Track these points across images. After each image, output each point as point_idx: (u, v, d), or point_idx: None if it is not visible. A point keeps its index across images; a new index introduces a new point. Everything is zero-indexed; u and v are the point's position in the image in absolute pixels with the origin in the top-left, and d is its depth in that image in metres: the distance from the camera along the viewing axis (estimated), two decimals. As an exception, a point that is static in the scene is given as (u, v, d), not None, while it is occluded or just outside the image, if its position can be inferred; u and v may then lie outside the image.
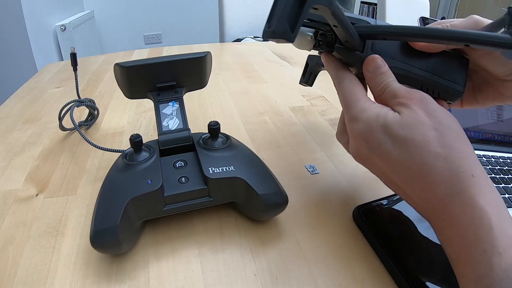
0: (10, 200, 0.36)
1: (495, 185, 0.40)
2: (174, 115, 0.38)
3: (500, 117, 0.53)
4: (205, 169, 0.32)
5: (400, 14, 1.67)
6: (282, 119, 0.55)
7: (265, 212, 0.32)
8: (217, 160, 0.33)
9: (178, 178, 0.32)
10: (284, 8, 0.21)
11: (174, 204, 0.31)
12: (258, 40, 1.41)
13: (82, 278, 0.28)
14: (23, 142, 0.47)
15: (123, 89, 0.38)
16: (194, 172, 0.33)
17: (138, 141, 0.33)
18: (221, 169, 0.32)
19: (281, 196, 0.32)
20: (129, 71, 0.35)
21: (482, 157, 0.46)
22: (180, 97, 0.39)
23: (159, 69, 0.37)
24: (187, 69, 0.38)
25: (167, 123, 0.37)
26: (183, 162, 0.34)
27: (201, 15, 2.74)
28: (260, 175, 0.33)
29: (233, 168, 0.32)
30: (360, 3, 3.25)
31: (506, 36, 0.22)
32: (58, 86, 0.68)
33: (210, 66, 0.40)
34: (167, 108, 0.38)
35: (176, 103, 0.38)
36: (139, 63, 0.35)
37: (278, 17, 0.21)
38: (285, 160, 0.44)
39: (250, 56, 0.91)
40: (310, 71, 0.46)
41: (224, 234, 0.33)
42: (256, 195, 0.31)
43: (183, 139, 0.36)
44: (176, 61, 0.36)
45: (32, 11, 1.63)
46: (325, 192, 0.39)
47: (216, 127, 0.35)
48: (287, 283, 0.28)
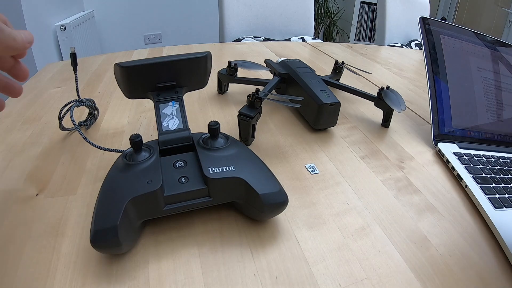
0: (10, 200, 0.36)
1: (495, 185, 0.40)
2: (174, 115, 0.38)
3: (500, 117, 0.53)
4: (205, 169, 0.32)
5: (400, 14, 1.67)
6: (282, 118, 0.55)
7: (265, 212, 0.32)
8: (217, 160, 0.33)
9: (178, 178, 0.32)
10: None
11: (174, 204, 0.31)
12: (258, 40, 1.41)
13: (82, 278, 0.28)
14: (23, 142, 0.47)
15: (123, 89, 0.38)
16: (194, 172, 0.33)
17: (138, 141, 0.32)
18: (221, 169, 0.32)
19: (281, 196, 0.32)
20: (129, 71, 0.35)
21: (482, 157, 0.46)
22: (180, 97, 0.39)
23: (159, 69, 0.37)
24: (187, 69, 0.38)
25: (167, 123, 0.37)
26: (183, 162, 0.34)
27: (201, 15, 2.74)
28: (260, 175, 0.33)
29: (233, 168, 0.32)
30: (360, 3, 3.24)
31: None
32: (58, 86, 0.68)
33: (210, 66, 0.40)
34: (167, 108, 0.38)
35: (176, 103, 0.38)
36: (139, 63, 0.35)
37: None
38: (285, 160, 0.44)
39: (250, 56, 0.91)
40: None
41: (224, 234, 0.33)
42: (256, 195, 0.31)
43: (183, 139, 0.36)
44: (176, 61, 0.36)
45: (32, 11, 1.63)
46: (325, 192, 0.39)
47: (216, 127, 0.35)
48: (287, 283, 0.28)
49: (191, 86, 0.40)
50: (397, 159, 0.47)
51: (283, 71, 0.58)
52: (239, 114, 0.45)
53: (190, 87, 0.40)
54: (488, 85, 0.54)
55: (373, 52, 1.05)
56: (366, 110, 0.61)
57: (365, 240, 0.33)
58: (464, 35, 0.56)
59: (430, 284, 0.29)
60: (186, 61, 0.37)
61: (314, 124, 0.50)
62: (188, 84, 0.40)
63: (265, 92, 0.47)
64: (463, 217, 0.37)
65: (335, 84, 0.60)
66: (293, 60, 0.62)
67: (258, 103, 0.45)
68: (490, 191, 0.40)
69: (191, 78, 0.39)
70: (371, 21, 3.37)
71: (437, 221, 0.36)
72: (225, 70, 0.62)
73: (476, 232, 0.35)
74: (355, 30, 3.37)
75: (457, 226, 0.36)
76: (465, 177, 0.42)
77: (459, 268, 0.31)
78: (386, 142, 0.51)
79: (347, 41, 3.38)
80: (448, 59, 0.53)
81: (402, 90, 0.73)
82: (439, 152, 0.48)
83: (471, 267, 0.31)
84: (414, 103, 0.67)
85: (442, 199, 0.39)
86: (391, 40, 1.65)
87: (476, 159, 0.45)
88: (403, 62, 0.96)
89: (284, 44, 1.08)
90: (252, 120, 0.44)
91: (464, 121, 0.51)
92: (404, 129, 0.55)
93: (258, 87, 0.49)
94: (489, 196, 0.39)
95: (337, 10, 3.33)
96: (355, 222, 0.35)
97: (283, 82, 0.58)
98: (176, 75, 0.38)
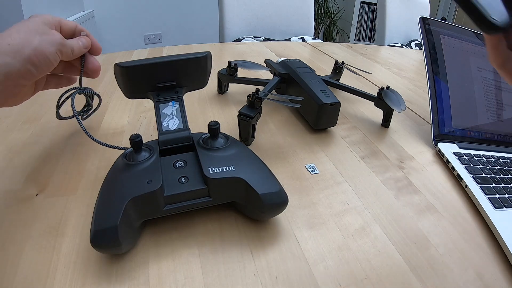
0: (10, 200, 0.36)
1: (495, 185, 0.40)
2: (174, 115, 0.38)
3: (500, 117, 0.53)
4: (205, 169, 0.32)
5: (400, 14, 1.67)
6: (282, 118, 0.55)
7: (265, 212, 0.32)
8: (217, 160, 0.33)
9: (178, 178, 0.32)
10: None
11: (174, 204, 0.31)
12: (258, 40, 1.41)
13: (82, 278, 0.28)
14: (23, 142, 0.47)
15: (123, 89, 0.38)
16: (194, 172, 0.33)
17: (138, 141, 0.32)
18: (221, 169, 0.32)
19: (281, 196, 0.32)
20: (129, 71, 0.35)
21: (482, 157, 0.46)
22: (180, 97, 0.39)
23: (159, 69, 0.37)
24: (187, 69, 0.38)
25: (167, 123, 0.37)
26: (183, 162, 0.34)
27: (201, 15, 2.74)
28: (260, 175, 0.33)
29: (233, 168, 0.32)
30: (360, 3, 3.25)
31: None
32: (58, 86, 0.68)
33: (210, 66, 0.40)
34: (167, 108, 0.38)
35: (176, 103, 0.38)
36: (139, 63, 0.35)
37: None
38: (285, 160, 0.44)
39: (250, 56, 0.91)
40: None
41: (224, 234, 0.33)
42: (256, 195, 0.31)
43: (183, 139, 0.36)
44: (176, 61, 0.36)
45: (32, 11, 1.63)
46: (325, 192, 0.39)
47: (216, 127, 0.35)
48: (287, 283, 0.28)
49: (191, 86, 0.40)
50: (397, 159, 0.47)
51: (283, 71, 0.58)
52: (239, 114, 0.45)
53: (190, 87, 0.40)
54: (488, 85, 0.54)
55: (373, 52, 1.05)
56: (366, 110, 0.61)
57: (365, 240, 0.33)
58: (464, 35, 0.56)
59: (430, 284, 0.29)
60: (186, 61, 0.37)
61: (314, 124, 0.50)
62: (188, 84, 0.40)
63: (265, 92, 0.47)
64: (463, 217, 0.37)
65: (335, 84, 0.60)
66: (293, 60, 0.62)
67: (258, 103, 0.45)
68: (490, 191, 0.40)
69: (191, 78, 0.39)
70: (371, 21, 3.37)
71: (437, 221, 0.36)
72: (225, 70, 0.62)
73: (476, 232, 0.35)
74: (355, 30, 3.37)
75: (457, 226, 0.36)
76: (465, 177, 0.42)
77: (459, 268, 0.31)
78: (386, 142, 0.51)
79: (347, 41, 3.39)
80: (448, 59, 0.53)
81: (402, 90, 0.73)
82: (439, 152, 0.48)
83: (471, 267, 0.31)
84: (414, 103, 0.67)
85: (442, 199, 0.39)
86: (391, 40, 1.65)
87: (476, 159, 0.45)
88: (403, 62, 0.96)
89: (284, 44, 1.08)
90: (252, 120, 0.44)
91: (464, 121, 0.51)
92: (404, 129, 0.55)
93: (258, 87, 0.49)
94: (489, 196, 0.39)
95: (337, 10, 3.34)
96: (355, 222, 0.35)
97: (283, 82, 0.58)
98: (176, 75, 0.38)
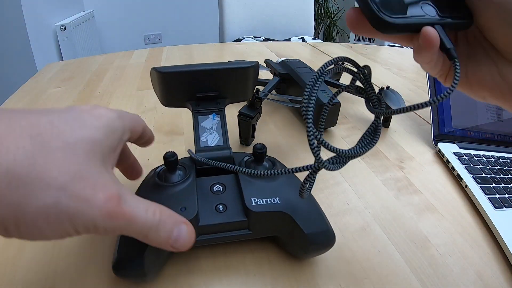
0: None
1: (495, 185, 0.40)
2: (214, 129, 0.34)
3: (500, 117, 0.53)
4: (246, 199, 0.28)
5: (400, 14, 1.66)
6: (282, 118, 0.55)
7: (309, 253, 0.29)
8: (261, 190, 0.29)
9: (216, 205, 0.28)
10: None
11: (209, 235, 0.28)
12: (258, 40, 1.41)
13: (82, 278, 0.28)
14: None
15: (159, 95, 0.35)
16: (234, 200, 0.29)
17: (173, 161, 0.29)
18: (265, 201, 0.28)
19: (329, 236, 0.29)
20: (167, 77, 0.32)
21: (482, 157, 0.46)
22: (222, 109, 0.35)
23: (201, 77, 0.33)
24: (231, 79, 0.34)
25: (205, 138, 0.33)
26: (221, 186, 0.30)
27: (201, 15, 2.74)
28: (308, 211, 0.29)
29: (279, 201, 0.28)
30: (360, 3, 3.24)
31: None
32: (58, 86, 0.68)
33: (256, 77, 0.37)
34: (207, 121, 0.34)
35: (217, 116, 0.35)
36: (179, 69, 0.32)
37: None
38: (285, 160, 0.44)
39: (250, 56, 0.91)
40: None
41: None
42: (302, 234, 0.28)
43: (223, 159, 0.32)
44: (220, 69, 0.33)
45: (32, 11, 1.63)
46: (325, 192, 0.39)
47: (262, 151, 0.31)
48: (287, 283, 0.28)
49: (234, 98, 0.36)
50: (397, 159, 0.47)
51: (283, 71, 0.58)
52: (239, 114, 0.45)
53: (233, 99, 0.36)
54: (488, 85, 0.54)
55: (373, 52, 1.05)
56: (366, 110, 0.61)
57: (365, 240, 0.33)
58: (464, 35, 0.56)
59: (430, 284, 0.29)
60: (231, 71, 0.33)
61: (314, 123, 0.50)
62: (231, 95, 0.36)
63: (265, 92, 0.47)
64: (463, 217, 0.37)
65: (335, 84, 0.60)
66: (293, 60, 0.62)
67: (258, 103, 0.45)
68: (490, 191, 0.40)
69: (235, 89, 0.35)
70: (371, 21, 3.36)
71: (437, 221, 0.36)
72: None
73: (476, 232, 0.35)
74: (355, 30, 3.37)
75: (457, 226, 0.36)
76: (465, 177, 0.42)
77: (459, 268, 0.31)
78: (386, 142, 0.51)
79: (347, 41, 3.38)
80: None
81: (402, 90, 0.73)
82: (439, 152, 0.48)
83: (471, 267, 0.31)
84: (414, 103, 0.66)
85: (442, 199, 0.39)
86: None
87: (476, 159, 0.45)
88: (403, 62, 0.96)
89: (284, 44, 1.08)
90: (252, 120, 0.44)
91: (464, 121, 0.51)
92: (404, 129, 0.55)
93: (258, 87, 0.49)
94: (489, 196, 0.39)
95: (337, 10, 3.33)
96: (355, 222, 0.35)
97: (283, 82, 0.58)
98: (219, 85, 0.34)
